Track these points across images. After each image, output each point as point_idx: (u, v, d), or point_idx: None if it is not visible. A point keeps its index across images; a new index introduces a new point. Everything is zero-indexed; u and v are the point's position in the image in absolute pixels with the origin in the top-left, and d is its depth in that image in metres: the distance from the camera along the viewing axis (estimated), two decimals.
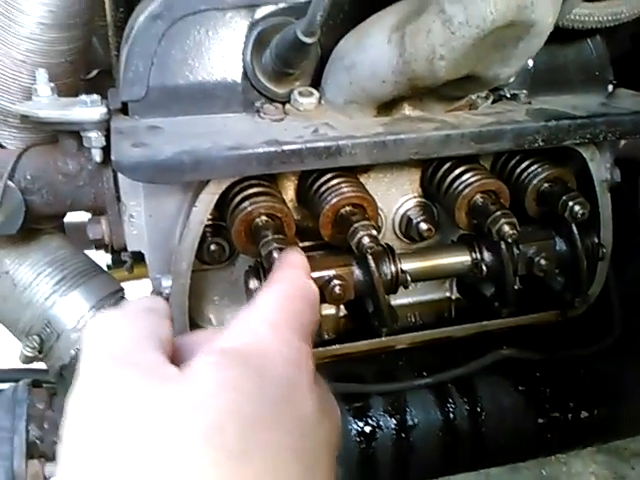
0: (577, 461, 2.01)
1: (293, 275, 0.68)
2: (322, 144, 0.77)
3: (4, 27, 0.89)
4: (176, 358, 0.53)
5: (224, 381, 0.48)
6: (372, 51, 0.79)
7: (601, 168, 0.99)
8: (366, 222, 0.84)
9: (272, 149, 0.76)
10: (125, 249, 0.94)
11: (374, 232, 0.84)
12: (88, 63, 1.13)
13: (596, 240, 1.00)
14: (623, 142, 1.14)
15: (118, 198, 0.90)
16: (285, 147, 0.76)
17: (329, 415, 0.57)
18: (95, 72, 1.24)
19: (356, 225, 0.84)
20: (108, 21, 1.14)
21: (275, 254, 0.79)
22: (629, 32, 1.01)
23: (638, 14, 0.93)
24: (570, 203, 0.93)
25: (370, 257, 0.87)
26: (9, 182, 0.85)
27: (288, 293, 0.63)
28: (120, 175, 0.87)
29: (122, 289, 0.98)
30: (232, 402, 0.47)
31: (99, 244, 0.94)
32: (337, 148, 0.78)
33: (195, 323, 0.96)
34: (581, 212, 0.93)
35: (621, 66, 1.02)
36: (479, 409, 1.01)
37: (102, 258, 1.12)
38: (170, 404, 0.46)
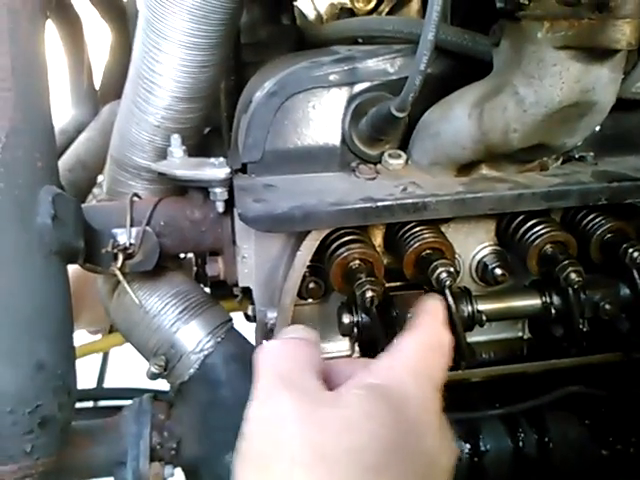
0: None
1: (432, 324, 0.81)
2: (410, 201, 0.91)
3: (144, 98, 1.08)
4: (326, 381, 0.67)
5: (370, 412, 0.62)
6: (455, 123, 0.93)
7: None
8: (445, 260, 0.97)
9: (367, 205, 0.90)
10: (236, 285, 1.10)
11: (452, 269, 0.97)
12: None
13: None
14: None
15: (234, 242, 1.06)
16: (379, 203, 0.90)
17: (449, 448, 0.70)
18: (207, 130, 1.43)
19: (436, 263, 0.97)
20: (222, 87, 1.33)
21: (368, 294, 0.93)
22: None
23: None
24: (630, 250, 1.02)
25: (448, 292, 0.99)
26: (147, 227, 1.02)
27: (428, 343, 0.76)
28: (237, 223, 1.04)
29: (231, 319, 1.14)
30: (375, 430, 0.60)
31: (214, 280, 1.10)
32: (423, 204, 0.91)
33: None
34: None
35: None
36: (547, 439, 1.10)
37: None
38: (324, 423, 0.60)
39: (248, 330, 1.21)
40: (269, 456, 0.60)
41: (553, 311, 1.05)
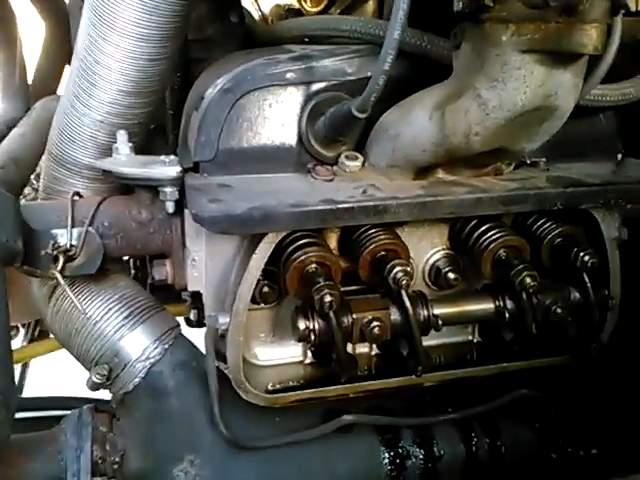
0: None
1: None
2: (371, 203, 0.89)
3: (88, 92, 1.01)
4: None
5: None
6: (415, 125, 0.92)
7: (611, 227, 1.10)
8: (401, 260, 0.96)
9: (328, 207, 0.87)
10: (185, 289, 1.05)
11: (408, 269, 0.96)
12: None
13: (606, 292, 1.10)
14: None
15: (183, 244, 1.02)
16: (339, 205, 0.88)
17: None
18: (151, 127, 1.37)
19: (392, 263, 0.96)
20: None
21: (327, 298, 0.91)
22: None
23: None
24: (581, 254, 1.04)
25: (404, 293, 0.98)
26: (90, 228, 0.96)
27: None
28: (187, 224, 0.99)
29: (179, 324, 1.08)
30: None
31: (159, 284, 1.05)
32: (384, 207, 0.89)
33: (243, 357, 1.06)
34: (591, 261, 1.04)
35: (629, 137, 1.14)
36: (499, 443, 1.10)
37: None
38: None
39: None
40: None
41: (506, 315, 1.06)
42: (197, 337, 1.10)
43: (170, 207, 0.96)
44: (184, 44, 1.29)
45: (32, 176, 1.47)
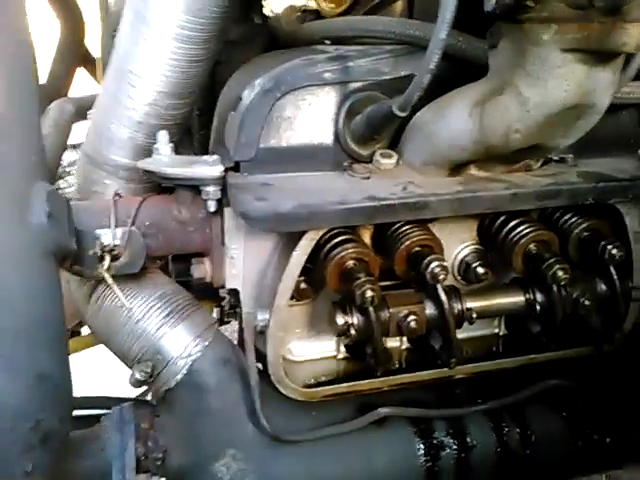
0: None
1: None
2: (413, 200, 0.91)
3: (127, 93, 1.03)
4: None
5: None
6: (453, 123, 0.94)
7: (634, 220, 1.13)
8: (437, 255, 0.99)
9: (372, 204, 0.90)
10: (223, 286, 1.07)
11: (445, 264, 0.98)
12: None
13: (630, 284, 1.13)
14: None
15: (222, 242, 1.03)
16: (382, 202, 0.90)
17: None
18: None
19: (429, 258, 0.98)
20: None
21: (368, 293, 0.93)
22: None
23: None
24: (609, 247, 1.07)
25: (440, 288, 1.00)
26: (132, 228, 0.98)
27: None
28: (227, 222, 1.01)
29: (217, 321, 1.10)
30: None
31: (200, 282, 1.07)
32: (425, 203, 0.92)
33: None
34: (618, 254, 1.07)
35: None
36: (529, 432, 1.13)
37: None
38: None
39: None
40: None
41: (537, 308, 1.09)
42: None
43: (212, 206, 0.97)
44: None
45: (59, 170, 1.47)
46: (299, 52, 1.06)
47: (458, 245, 1.13)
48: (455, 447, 1.09)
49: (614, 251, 1.07)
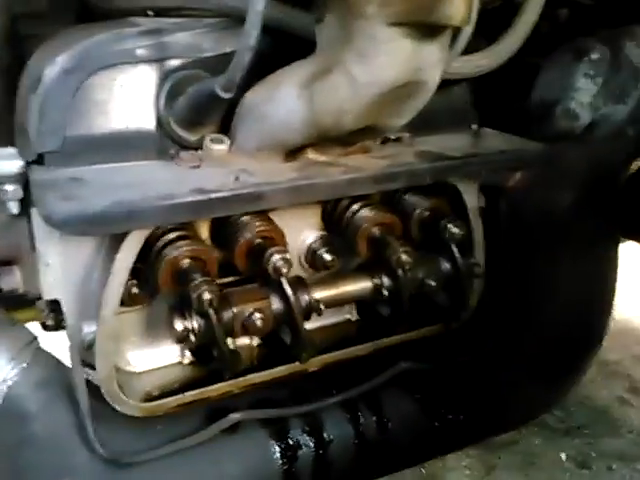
0: (451, 457, 2.18)
1: None
2: (245, 191, 0.84)
3: None
4: None
5: None
6: (282, 105, 0.87)
7: (472, 197, 1.13)
8: (279, 247, 0.92)
9: (200, 198, 0.81)
10: (39, 298, 0.93)
11: (287, 256, 0.93)
12: None
13: (472, 260, 1.14)
14: None
15: (32, 247, 0.90)
16: (212, 195, 0.81)
17: None
18: None
19: (270, 251, 0.92)
20: None
21: (206, 296, 0.84)
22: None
23: (495, 67, 1.10)
24: (449, 226, 1.07)
25: (285, 281, 0.94)
26: None
27: None
28: (35, 224, 0.88)
29: (36, 337, 0.96)
30: None
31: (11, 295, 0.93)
32: (259, 194, 0.85)
33: (115, 366, 0.97)
34: (458, 233, 1.08)
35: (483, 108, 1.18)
36: (385, 419, 1.11)
37: None
38: None
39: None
40: None
41: (385, 293, 1.06)
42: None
43: (14, 207, 0.84)
44: (12, 19, 1.15)
45: None
46: (109, 26, 0.94)
47: (303, 231, 1.07)
48: (312, 444, 1.05)
49: (454, 230, 1.07)
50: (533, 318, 1.24)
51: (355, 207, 1.03)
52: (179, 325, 0.90)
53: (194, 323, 0.90)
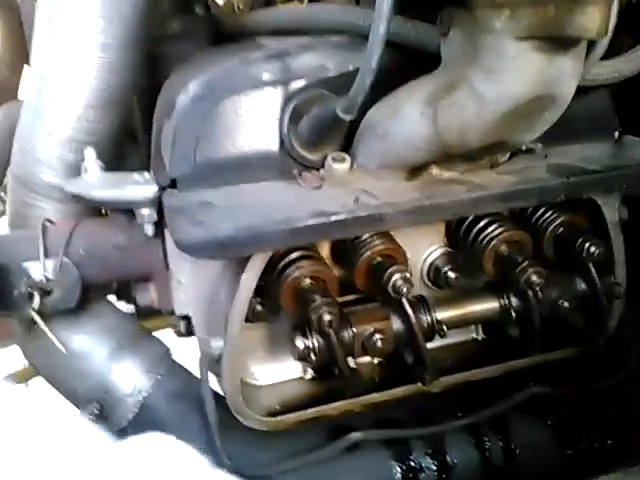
0: None
1: None
2: (366, 213, 0.83)
3: (50, 108, 0.94)
4: None
5: None
6: (405, 122, 0.85)
7: (612, 211, 1.04)
8: (399, 267, 0.91)
9: (320, 221, 0.81)
10: (172, 313, 0.98)
11: (407, 275, 0.90)
12: None
13: (612, 279, 1.05)
14: None
15: (166, 266, 0.95)
16: (332, 218, 0.81)
17: None
18: None
19: (390, 270, 0.90)
20: None
21: (326, 317, 0.85)
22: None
23: (638, 71, 1.00)
24: (586, 244, 0.99)
25: (406, 302, 0.92)
26: (64, 258, 0.89)
27: None
28: (169, 244, 0.92)
29: (169, 350, 1.02)
30: None
31: (147, 310, 0.98)
32: (379, 216, 0.83)
33: (240, 379, 1.00)
34: (597, 252, 1.00)
35: (626, 115, 1.09)
36: (512, 445, 1.05)
37: None
38: None
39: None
40: None
41: (513, 314, 1.01)
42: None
43: (149, 230, 0.89)
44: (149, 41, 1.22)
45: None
46: (237, 49, 0.97)
47: (426, 249, 1.05)
48: (434, 468, 1.02)
49: (592, 248, 0.99)
50: None
51: (482, 223, 0.99)
52: (300, 344, 0.91)
53: (315, 342, 0.91)
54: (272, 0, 1.36)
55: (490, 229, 0.98)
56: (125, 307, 1.15)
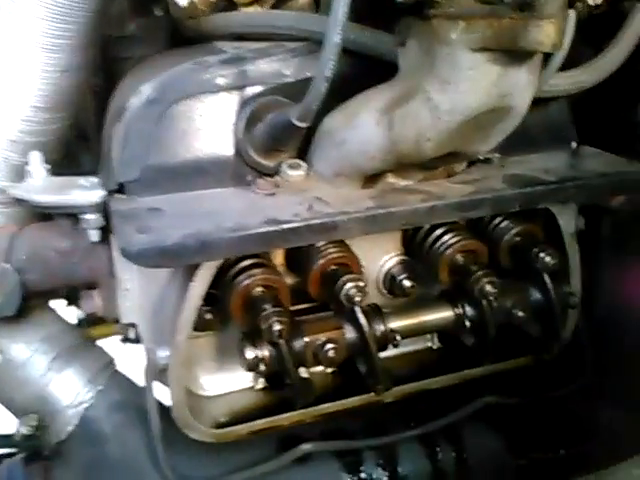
0: None
1: None
2: (318, 221, 0.81)
3: None
4: None
5: None
6: (361, 131, 0.84)
7: (569, 221, 1.05)
8: (353, 275, 0.89)
9: (272, 229, 0.79)
10: (117, 321, 0.95)
11: (361, 284, 0.89)
12: None
13: (568, 289, 1.06)
14: None
15: (112, 273, 0.91)
16: (284, 226, 0.79)
17: None
18: None
19: (343, 278, 0.89)
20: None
21: (276, 327, 0.83)
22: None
23: (597, 81, 1.01)
24: (541, 254, 1.00)
25: (359, 310, 0.91)
26: (4, 264, 0.85)
27: None
28: (115, 251, 0.89)
29: (112, 360, 0.99)
30: None
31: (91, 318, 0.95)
32: (332, 224, 0.81)
33: (188, 390, 0.97)
34: (552, 262, 1.00)
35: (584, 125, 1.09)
36: (465, 455, 1.05)
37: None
38: None
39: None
40: None
41: (467, 323, 1.01)
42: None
43: (94, 235, 0.86)
44: (104, 42, 1.18)
45: None
46: (193, 52, 0.94)
47: (382, 256, 1.04)
48: (386, 479, 1.01)
49: (547, 259, 0.99)
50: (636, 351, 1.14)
51: (438, 232, 0.98)
52: (250, 354, 0.89)
53: (265, 352, 0.89)
54: (233, 3, 1.33)
55: (446, 238, 0.98)
56: (77, 312, 1.11)
